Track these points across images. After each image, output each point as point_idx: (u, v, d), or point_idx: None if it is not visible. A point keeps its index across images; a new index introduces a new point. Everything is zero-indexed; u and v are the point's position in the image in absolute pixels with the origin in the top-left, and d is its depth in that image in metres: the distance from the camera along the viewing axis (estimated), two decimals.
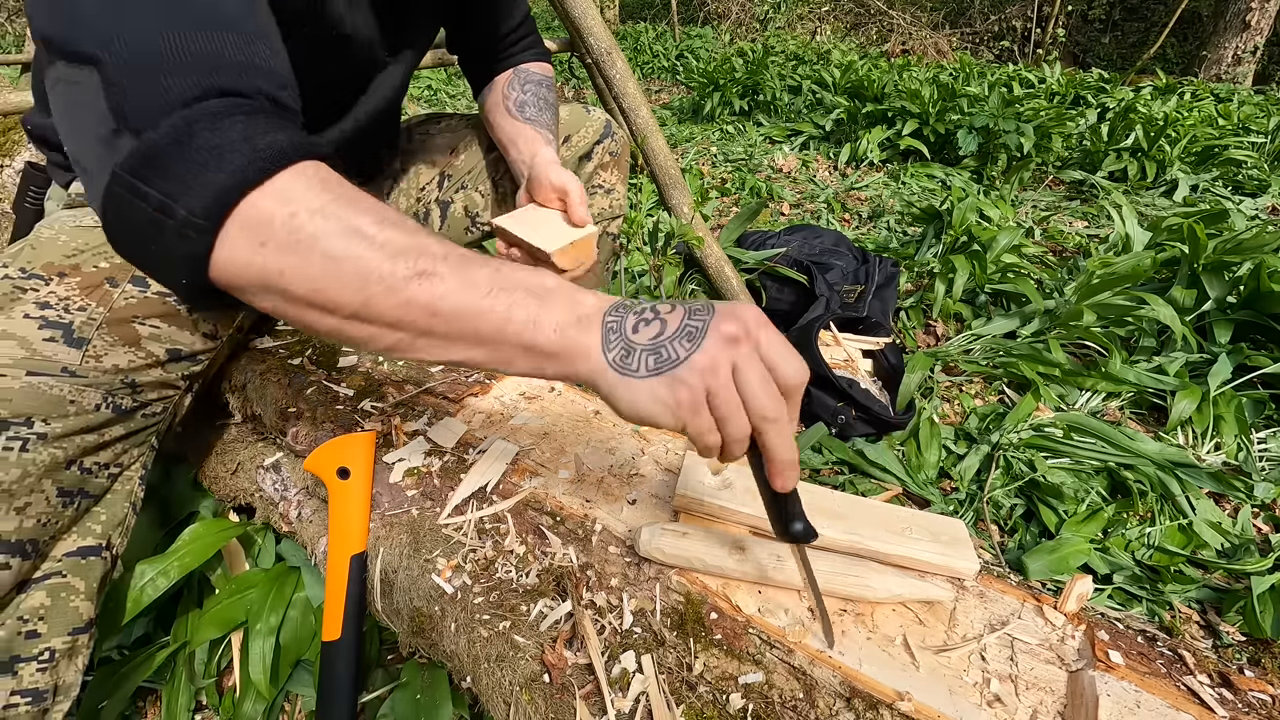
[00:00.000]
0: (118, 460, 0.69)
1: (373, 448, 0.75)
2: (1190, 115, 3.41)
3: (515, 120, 0.98)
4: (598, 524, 0.67)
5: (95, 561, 0.66)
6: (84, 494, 0.65)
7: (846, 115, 3.68)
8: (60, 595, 0.62)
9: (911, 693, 0.50)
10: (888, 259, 1.81)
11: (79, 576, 0.64)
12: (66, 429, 0.61)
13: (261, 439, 0.93)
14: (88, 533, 0.66)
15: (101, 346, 0.66)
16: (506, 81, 1.03)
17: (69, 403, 0.62)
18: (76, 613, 0.63)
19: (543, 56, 1.08)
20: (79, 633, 0.64)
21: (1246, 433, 1.35)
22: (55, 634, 0.61)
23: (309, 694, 0.88)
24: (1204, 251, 1.65)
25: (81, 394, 0.63)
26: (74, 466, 0.63)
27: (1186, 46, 8.28)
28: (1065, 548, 1.07)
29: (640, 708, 0.51)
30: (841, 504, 0.63)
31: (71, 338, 0.64)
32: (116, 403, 0.67)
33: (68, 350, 0.63)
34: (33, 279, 0.66)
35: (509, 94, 1.01)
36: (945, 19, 8.84)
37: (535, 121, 0.98)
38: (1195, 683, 0.52)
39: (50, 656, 0.61)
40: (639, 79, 5.85)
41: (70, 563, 0.64)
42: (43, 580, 0.62)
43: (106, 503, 0.68)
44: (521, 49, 1.06)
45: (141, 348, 0.70)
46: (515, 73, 1.04)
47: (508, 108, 0.99)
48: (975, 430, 1.39)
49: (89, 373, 0.64)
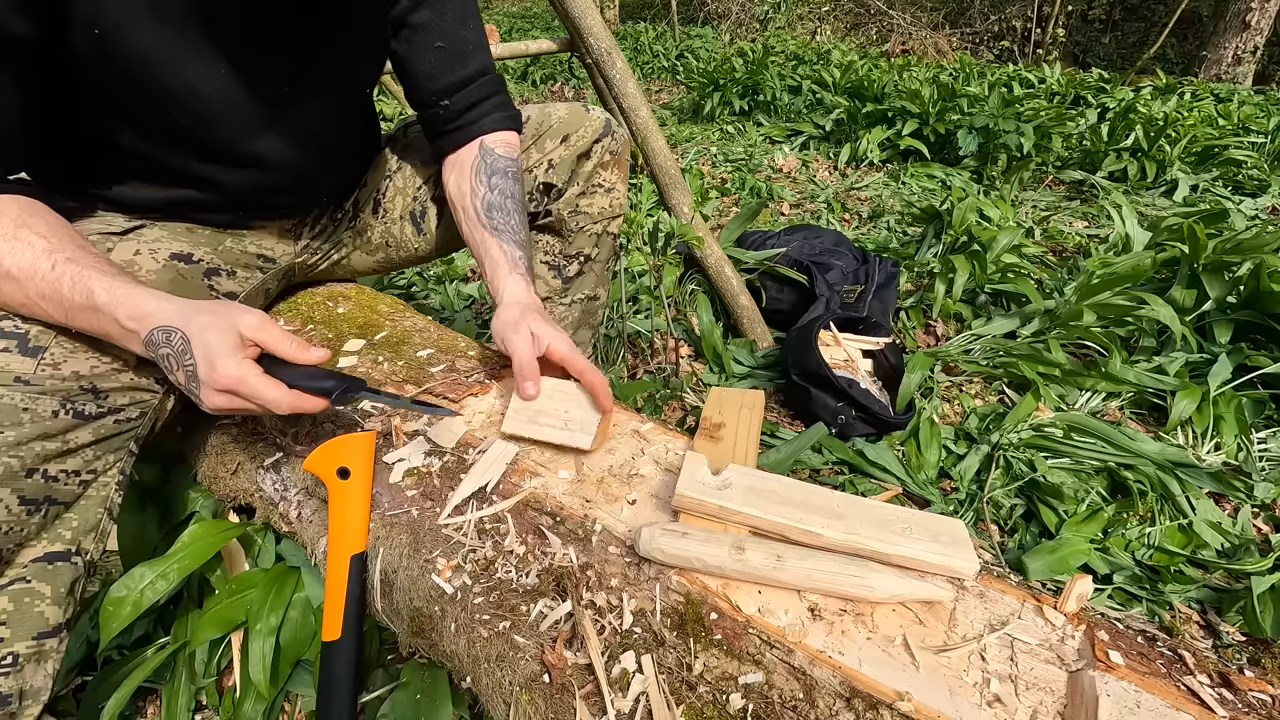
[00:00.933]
0: (89, 466, 0.69)
1: (373, 448, 0.75)
2: (1190, 115, 3.41)
3: (483, 229, 0.90)
4: (598, 524, 0.66)
5: (64, 567, 0.66)
6: (51, 501, 0.65)
7: (846, 115, 3.69)
8: (24, 600, 0.63)
9: (911, 693, 0.50)
10: (888, 259, 1.81)
11: (45, 582, 0.64)
12: (20, 437, 0.61)
13: (261, 439, 0.93)
14: (57, 539, 0.66)
15: (60, 354, 0.66)
16: (473, 167, 0.92)
17: (21, 410, 0.62)
18: (42, 617, 0.64)
19: (509, 122, 0.96)
20: (45, 637, 0.64)
21: (1246, 433, 1.35)
22: (18, 639, 0.62)
23: (309, 694, 0.88)
24: (1204, 251, 1.65)
25: (35, 402, 0.63)
26: (35, 475, 0.63)
27: (1186, 46, 8.28)
28: (1065, 548, 1.07)
29: (640, 708, 0.51)
30: (841, 504, 0.63)
31: (26, 347, 0.64)
32: (78, 409, 0.67)
33: (21, 359, 0.64)
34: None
35: (476, 188, 0.91)
36: (945, 19, 8.84)
37: (502, 231, 0.90)
38: (1195, 683, 0.52)
39: (14, 661, 0.61)
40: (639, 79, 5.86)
41: (36, 568, 0.64)
42: (6, 586, 0.62)
43: (79, 509, 0.69)
44: (482, 113, 0.94)
45: (107, 352, 0.70)
46: (482, 153, 0.93)
47: (476, 208, 0.91)
48: (975, 430, 1.39)
49: (44, 380, 0.64)
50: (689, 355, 1.76)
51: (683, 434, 0.83)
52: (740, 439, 0.81)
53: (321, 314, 1.05)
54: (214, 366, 0.63)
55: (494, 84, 0.95)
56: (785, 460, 1.26)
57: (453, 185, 0.95)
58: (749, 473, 0.67)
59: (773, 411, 1.54)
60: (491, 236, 0.90)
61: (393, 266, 1.17)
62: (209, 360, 0.63)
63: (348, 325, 1.02)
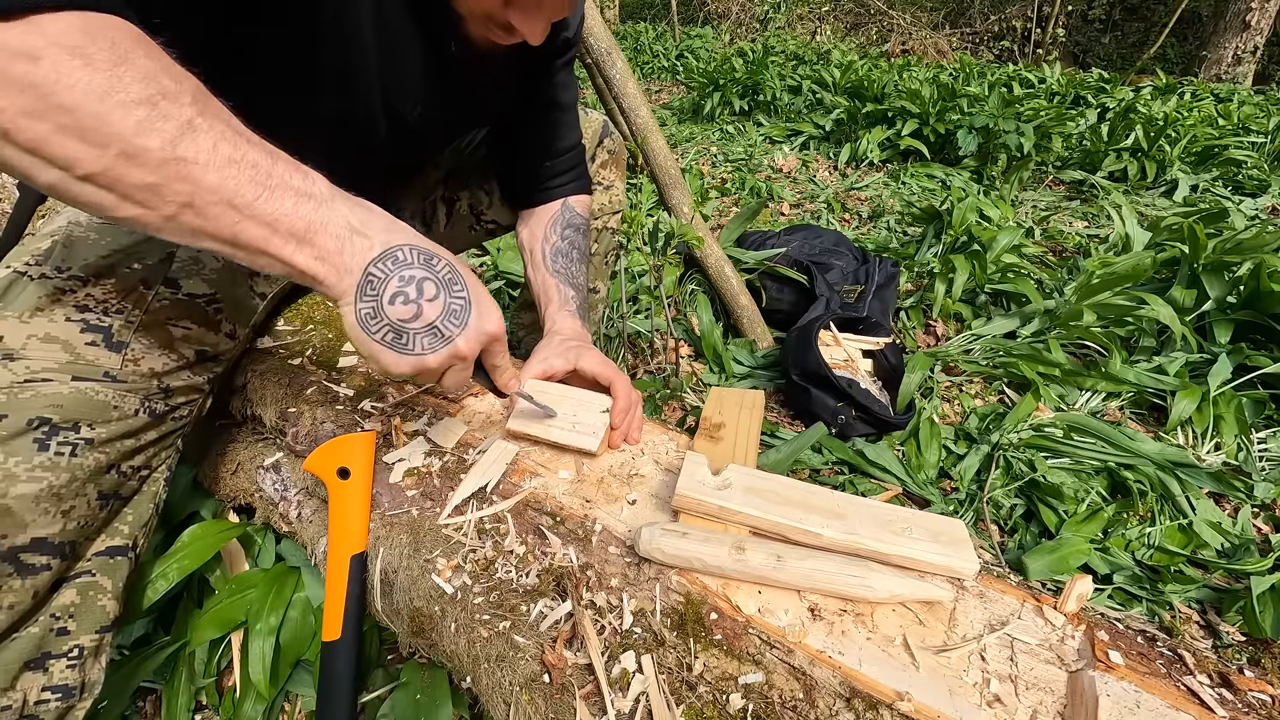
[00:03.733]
0: (148, 463, 0.70)
1: (373, 448, 0.75)
2: (1190, 115, 3.41)
3: (544, 272, 0.97)
4: (598, 524, 0.66)
5: (122, 561, 0.67)
6: (117, 496, 0.66)
7: (846, 115, 3.68)
8: (89, 594, 0.63)
9: (911, 693, 0.50)
10: (888, 259, 1.81)
11: (107, 575, 0.65)
12: (110, 434, 0.62)
13: (261, 439, 0.93)
14: (116, 533, 0.67)
15: (139, 350, 0.67)
16: (551, 219, 0.99)
17: (112, 408, 0.62)
18: (104, 611, 0.64)
19: (585, 188, 1.05)
20: (105, 631, 0.64)
21: (1246, 433, 1.35)
22: (84, 631, 0.62)
23: (309, 694, 0.88)
24: (1204, 251, 1.65)
25: (123, 399, 0.64)
26: (113, 471, 0.64)
27: (1186, 46, 8.28)
28: (1065, 548, 1.07)
29: (640, 708, 0.51)
30: (841, 504, 0.63)
31: (111, 341, 0.64)
32: (152, 407, 0.67)
33: (108, 354, 0.64)
34: (72, 279, 0.66)
35: (549, 236, 0.98)
36: (945, 19, 8.84)
37: (560, 274, 0.96)
38: (1195, 683, 0.52)
39: (79, 653, 0.61)
40: (639, 79, 5.86)
41: (99, 562, 0.64)
42: (73, 579, 0.62)
43: (134, 504, 0.69)
44: (565, 181, 1.01)
45: (175, 350, 0.71)
46: (564, 209, 1.00)
47: (544, 253, 0.98)
48: (975, 430, 1.39)
49: (129, 377, 0.65)
50: (689, 355, 1.76)
51: (682, 434, 0.83)
52: (740, 439, 0.81)
53: (322, 314, 1.05)
54: (487, 316, 0.59)
55: (582, 154, 1.03)
56: (785, 460, 1.26)
57: (525, 233, 1.02)
58: (749, 473, 0.67)
59: (773, 411, 1.54)
60: (551, 278, 0.96)
61: None
62: (483, 307, 0.59)
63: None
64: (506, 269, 2.00)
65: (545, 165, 0.99)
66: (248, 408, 0.91)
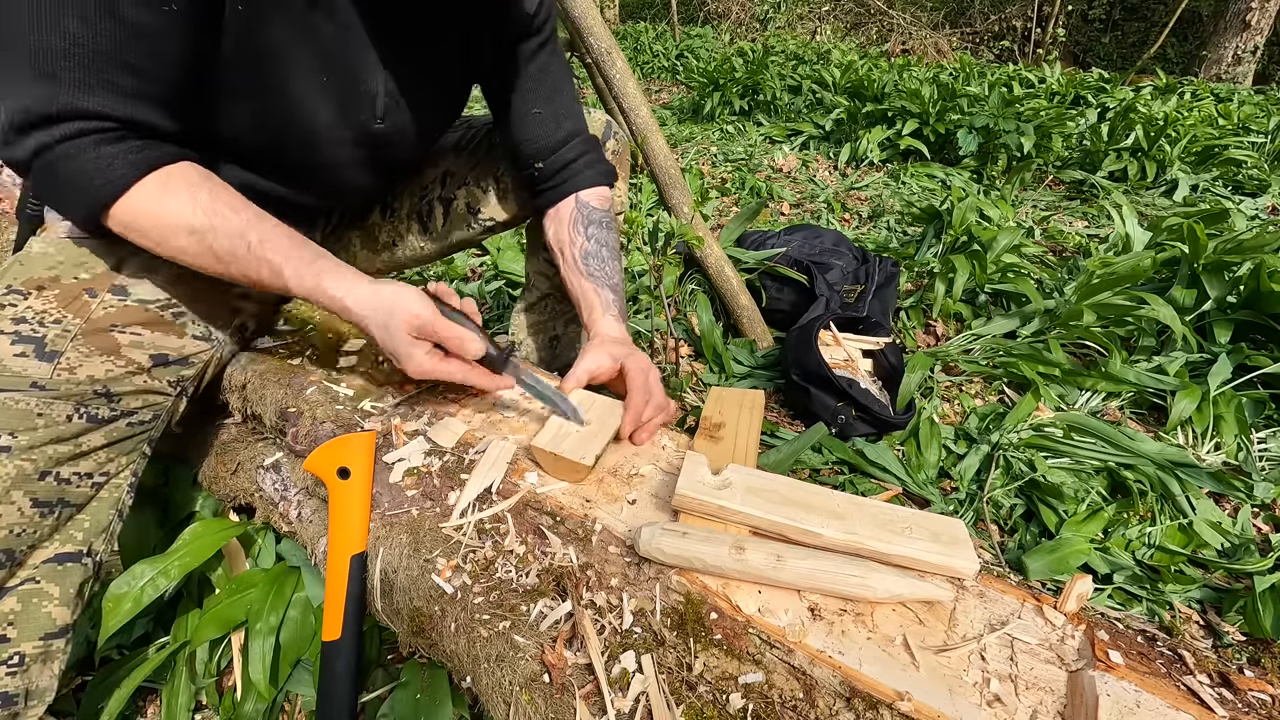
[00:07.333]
0: (102, 469, 0.70)
1: (373, 448, 0.75)
2: (1190, 115, 3.41)
3: (580, 276, 0.96)
4: (598, 524, 0.66)
5: (74, 568, 0.67)
6: (64, 503, 0.66)
7: (846, 115, 3.69)
8: (32, 601, 0.63)
9: (911, 693, 0.50)
10: (888, 259, 1.81)
11: (54, 583, 0.65)
12: (33, 441, 0.62)
13: (261, 439, 0.93)
14: (69, 540, 0.67)
15: (76, 358, 0.67)
16: (570, 220, 0.97)
17: (36, 415, 0.62)
18: (49, 618, 0.64)
19: (601, 178, 1.00)
20: (52, 638, 0.64)
21: (1246, 433, 1.35)
22: (25, 639, 0.62)
23: (309, 694, 0.88)
24: (1204, 251, 1.65)
25: (50, 406, 0.64)
26: (49, 477, 0.64)
27: (1186, 46, 8.28)
28: (1065, 548, 1.07)
29: (640, 708, 0.51)
30: (841, 504, 0.63)
31: (43, 351, 0.65)
32: (91, 412, 0.67)
33: (38, 364, 0.64)
34: (12, 294, 0.67)
35: (574, 238, 0.96)
36: (945, 19, 8.84)
37: (596, 277, 0.96)
38: (1195, 682, 0.52)
39: (20, 661, 0.62)
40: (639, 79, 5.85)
41: (47, 569, 0.64)
42: (15, 587, 0.62)
43: (91, 510, 0.69)
44: (573, 173, 0.97)
45: (121, 356, 0.71)
46: (578, 207, 0.97)
47: (574, 257, 0.96)
48: (975, 430, 1.39)
49: (59, 385, 0.65)
50: (689, 355, 1.75)
51: (682, 434, 0.83)
52: (740, 439, 0.81)
53: (322, 313, 1.05)
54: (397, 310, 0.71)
55: (585, 145, 0.98)
56: (785, 460, 1.26)
57: (552, 235, 1.00)
58: (749, 472, 0.67)
59: (773, 411, 1.53)
60: (588, 282, 0.96)
61: (397, 266, 1.17)
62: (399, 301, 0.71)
63: (348, 325, 1.02)
64: (507, 269, 2.00)
65: (537, 167, 0.96)
66: (248, 408, 0.91)
